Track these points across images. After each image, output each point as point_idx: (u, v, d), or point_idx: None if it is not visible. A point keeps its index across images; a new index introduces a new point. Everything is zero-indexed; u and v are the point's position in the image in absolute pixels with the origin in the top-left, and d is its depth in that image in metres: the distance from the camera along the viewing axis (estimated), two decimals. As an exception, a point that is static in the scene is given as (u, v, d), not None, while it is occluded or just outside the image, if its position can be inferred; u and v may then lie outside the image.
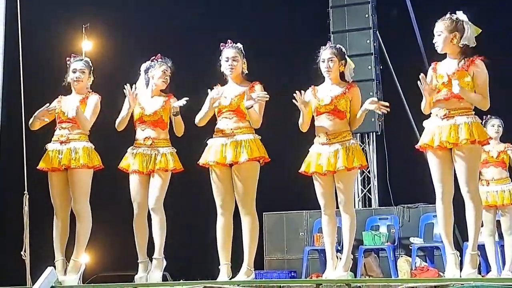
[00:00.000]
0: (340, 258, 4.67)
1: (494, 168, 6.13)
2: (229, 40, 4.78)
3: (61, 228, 4.96)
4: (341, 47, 4.81)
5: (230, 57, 4.72)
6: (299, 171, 4.71)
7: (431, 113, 4.44)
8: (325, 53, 4.73)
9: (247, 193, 4.57)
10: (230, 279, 4.55)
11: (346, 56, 4.79)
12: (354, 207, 4.81)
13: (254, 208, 4.62)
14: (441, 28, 4.40)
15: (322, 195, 4.67)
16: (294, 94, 4.63)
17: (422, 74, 4.35)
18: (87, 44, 8.25)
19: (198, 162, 4.74)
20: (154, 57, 5.18)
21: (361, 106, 4.65)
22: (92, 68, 5.17)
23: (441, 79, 4.37)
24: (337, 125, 4.63)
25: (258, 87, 4.69)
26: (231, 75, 4.75)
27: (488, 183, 6.11)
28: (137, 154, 4.97)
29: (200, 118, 4.78)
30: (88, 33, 8.28)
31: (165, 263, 4.93)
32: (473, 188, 4.28)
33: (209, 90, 4.73)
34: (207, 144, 4.75)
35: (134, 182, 4.98)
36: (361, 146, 9.52)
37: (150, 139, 4.97)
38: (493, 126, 6.17)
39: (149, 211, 4.96)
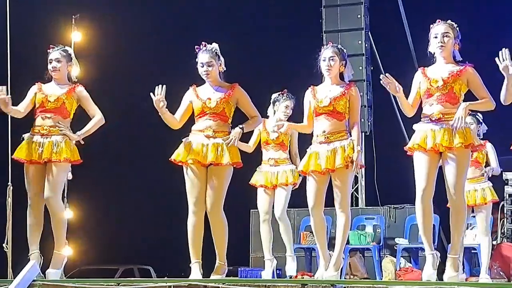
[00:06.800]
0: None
1: None
2: (203, 43, 4.72)
3: (36, 220, 4.90)
4: (343, 48, 4.79)
5: (205, 63, 4.67)
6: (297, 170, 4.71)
7: (420, 117, 4.44)
8: (327, 51, 4.70)
9: (218, 194, 4.58)
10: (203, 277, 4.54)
11: (346, 58, 4.77)
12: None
13: (222, 208, 4.63)
14: (448, 30, 4.40)
15: (314, 193, 4.63)
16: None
17: (383, 76, 4.38)
18: (77, 35, 8.16)
19: (170, 159, 4.67)
20: (281, 92, 5.94)
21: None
22: (71, 57, 5.02)
23: (435, 84, 4.38)
24: (335, 125, 4.65)
25: (237, 89, 4.68)
26: (207, 79, 4.72)
27: None
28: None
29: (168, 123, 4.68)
30: (77, 23, 8.19)
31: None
32: (460, 191, 4.30)
33: (151, 94, 4.58)
34: (182, 141, 4.67)
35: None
36: (349, 145, 9.53)
37: (273, 159, 6.06)
38: None
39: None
